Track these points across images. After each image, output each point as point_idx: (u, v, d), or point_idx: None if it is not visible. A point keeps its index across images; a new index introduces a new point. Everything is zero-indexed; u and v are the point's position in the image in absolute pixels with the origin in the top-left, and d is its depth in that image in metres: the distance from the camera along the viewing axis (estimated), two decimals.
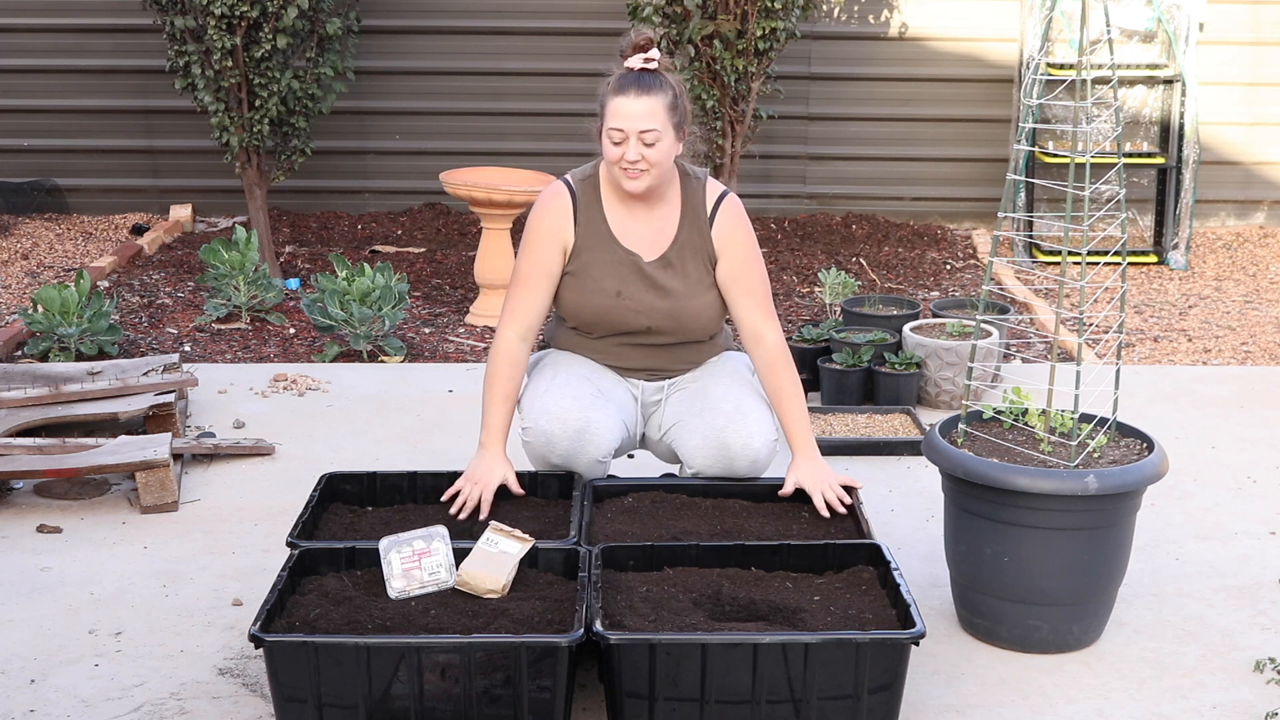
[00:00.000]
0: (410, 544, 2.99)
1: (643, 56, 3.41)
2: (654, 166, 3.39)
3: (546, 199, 3.54)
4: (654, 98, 3.35)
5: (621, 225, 3.51)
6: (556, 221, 3.51)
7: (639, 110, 3.34)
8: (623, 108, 3.35)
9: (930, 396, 5.02)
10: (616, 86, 3.38)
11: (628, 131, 3.34)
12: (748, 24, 6.39)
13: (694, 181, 3.55)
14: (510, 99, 7.86)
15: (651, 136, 3.35)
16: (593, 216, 3.51)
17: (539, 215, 3.53)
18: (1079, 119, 3.25)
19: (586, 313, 3.54)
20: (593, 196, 3.52)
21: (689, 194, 3.53)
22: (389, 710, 2.73)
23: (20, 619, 3.43)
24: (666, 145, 3.38)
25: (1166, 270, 7.28)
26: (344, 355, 5.67)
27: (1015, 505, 3.14)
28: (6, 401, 4.51)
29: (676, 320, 3.52)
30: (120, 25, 7.70)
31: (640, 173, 3.39)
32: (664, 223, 3.52)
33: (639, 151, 3.36)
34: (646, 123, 3.34)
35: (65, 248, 7.38)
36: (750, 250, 3.55)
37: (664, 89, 3.38)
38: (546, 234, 3.50)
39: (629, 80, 3.37)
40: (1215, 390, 5.25)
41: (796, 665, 2.72)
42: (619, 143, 3.37)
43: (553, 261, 3.51)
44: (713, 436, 3.44)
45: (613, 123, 3.36)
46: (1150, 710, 3.05)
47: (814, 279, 6.86)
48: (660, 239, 3.52)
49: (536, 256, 3.51)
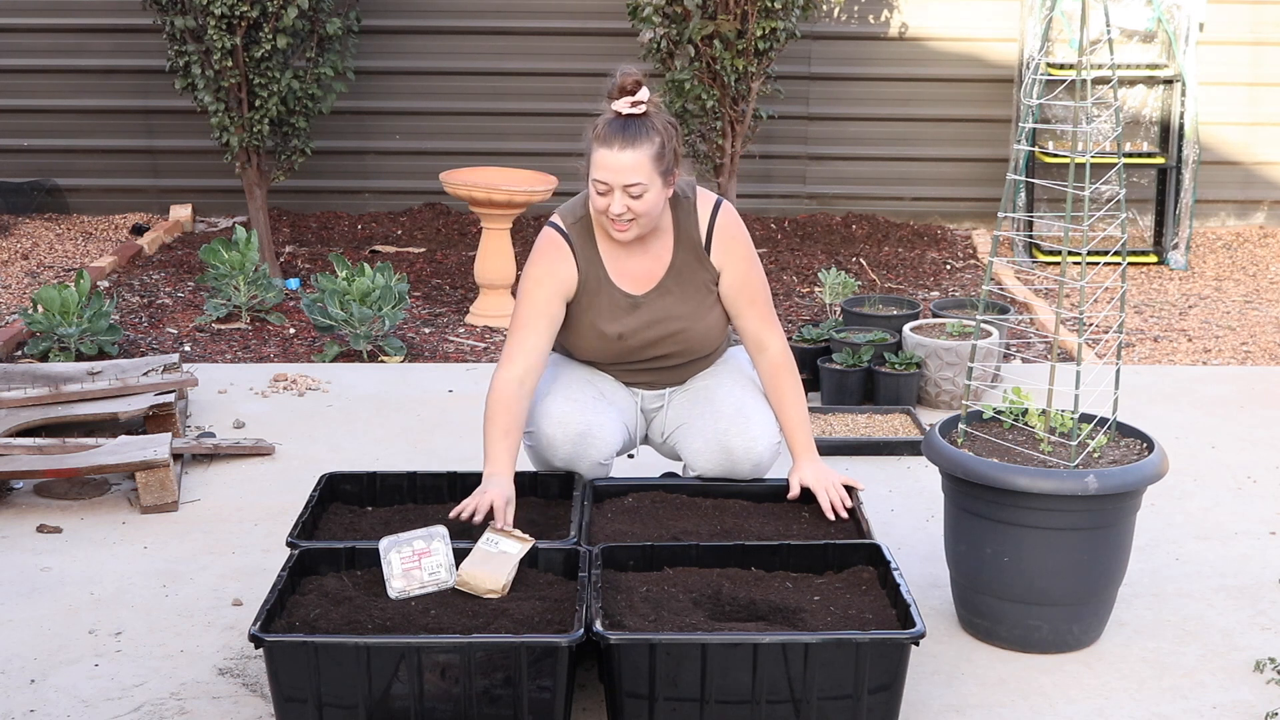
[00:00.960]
0: (410, 544, 2.99)
1: (629, 100, 3.26)
2: (641, 217, 3.29)
3: (546, 249, 3.42)
4: (639, 150, 3.22)
5: (617, 264, 3.44)
6: (560, 271, 3.40)
7: (624, 164, 3.22)
8: (607, 160, 3.23)
9: (930, 396, 5.02)
10: (602, 136, 3.25)
11: (612, 184, 3.25)
12: (748, 24, 6.39)
13: (684, 203, 3.44)
14: (510, 99, 7.86)
15: (637, 190, 3.24)
16: (590, 259, 3.42)
17: (540, 265, 3.41)
18: (1079, 119, 3.25)
19: (591, 355, 3.53)
20: (587, 239, 3.42)
21: (680, 219, 3.44)
22: (389, 710, 2.73)
23: (20, 619, 3.43)
24: (654, 196, 3.27)
25: (1166, 270, 7.28)
26: (344, 355, 5.67)
27: (1015, 505, 3.14)
28: (6, 401, 4.51)
29: (685, 344, 3.50)
30: (120, 25, 7.70)
31: (627, 224, 3.30)
32: (659, 251, 3.45)
33: (624, 204, 3.26)
34: (632, 176, 3.23)
35: (65, 248, 7.38)
36: (749, 262, 3.49)
37: (650, 137, 3.24)
38: (550, 283, 3.39)
39: (614, 130, 3.24)
40: (1215, 390, 5.25)
41: (796, 665, 2.72)
42: (604, 194, 3.28)
43: (554, 307, 3.40)
44: (716, 440, 3.44)
45: (597, 174, 3.26)
46: (1150, 710, 3.05)
47: (814, 279, 6.86)
48: (656, 268, 3.45)
49: (537, 304, 3.39)
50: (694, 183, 3.50)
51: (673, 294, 3.45)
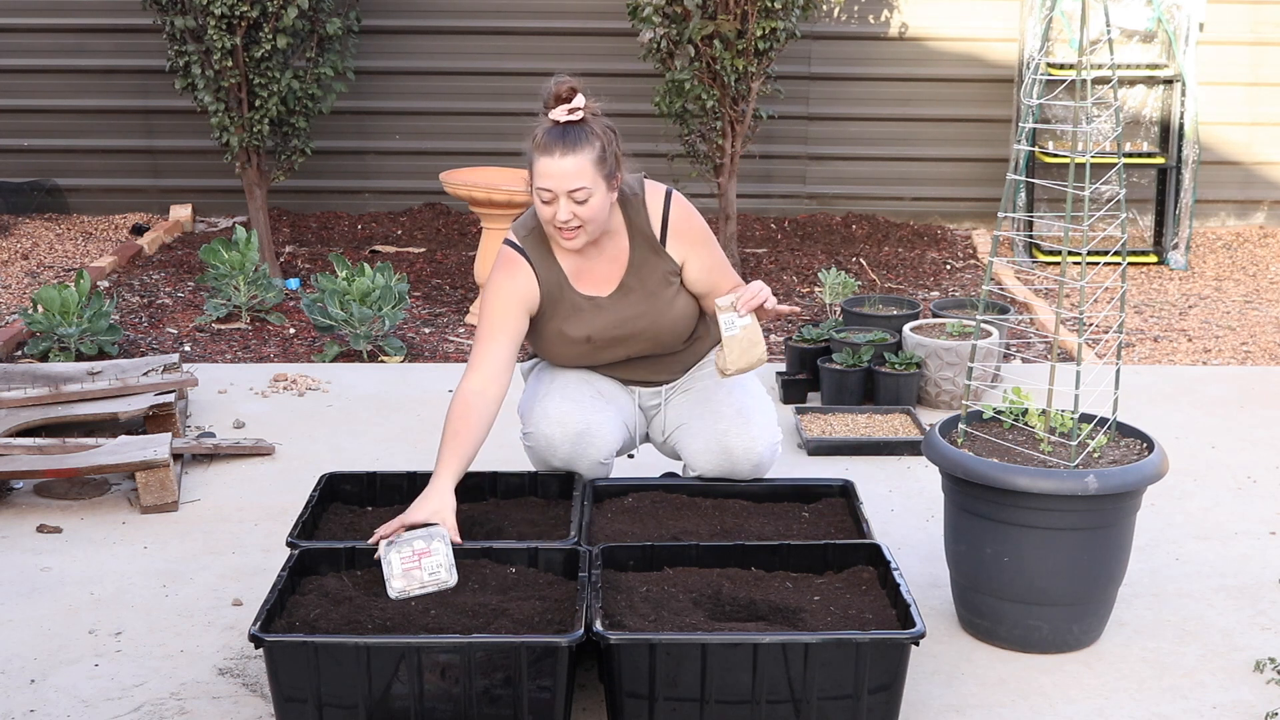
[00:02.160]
0: (410, 544, 2.99)
1: (566, 108, 3.26)
2: (588, 223, 3.28)
3: (502, 265, 3.41)
4: (580, 155, 3.22)
5: (575, 268, 3.43)
6: (519, 284, 3.38)
7: (566, 169, 3.22)
8: (549, 168, 3.23)
9: (930, 396, 5.02)
10: (542, 144, 3.24)
11: (556, 191, 3.24)
12: (748, 24, 6.39)
13: (633, 200, 3.44)
14: (510, 99, 7.85)
15: (582, 194, 3.24)
16: (549, 269, 3.41)
17: (498, 280, 3.39)
18: (1079, 119, 3.25)
19: (563, 359, 3.54)
20: (543, 250, 3.42)
21: (631, 217, 3.44)
22: (389, 710, 2.73)
23: (20, 619, 3.43)
24: (598, 200, 3.27)
25: (1166, 270, 7.28)
26: (344, 355, 5.67)
27: (1015, 505, 3.14)
28: (6, 401, 4.51)
29: (653, 339, 3.50)
30: (120, 25, 7.70)
31: (574, 231, 3.29)
32: (615, 254, 3.44)
33: (570, 210, 3.25)
34: (574, 182, 3.23)
35: (65, 248, 7.38)
36: (708, 247, 3.50)
37: (590, 142, 3.24)
38: (509, 297, 3.37)
39: (554, 137, 3.24)
40: (1215, 390, 5.25)
41: (796, 665, 2.72)
42: (548, 202, 3.27)
43: (514, 320, 3.38)
44: (715, 440, 3.44)
45: (541, 183, 3.26)
46: (1150, 710, 3.05)
47: (814, 279, 6.86)
48: (615, 269, 3.45)
49: (495, 318, 3.36)
50: (642, 177, 3.50)
51: (635, 292, 3.45)
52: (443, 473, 3.19)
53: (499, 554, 3.10)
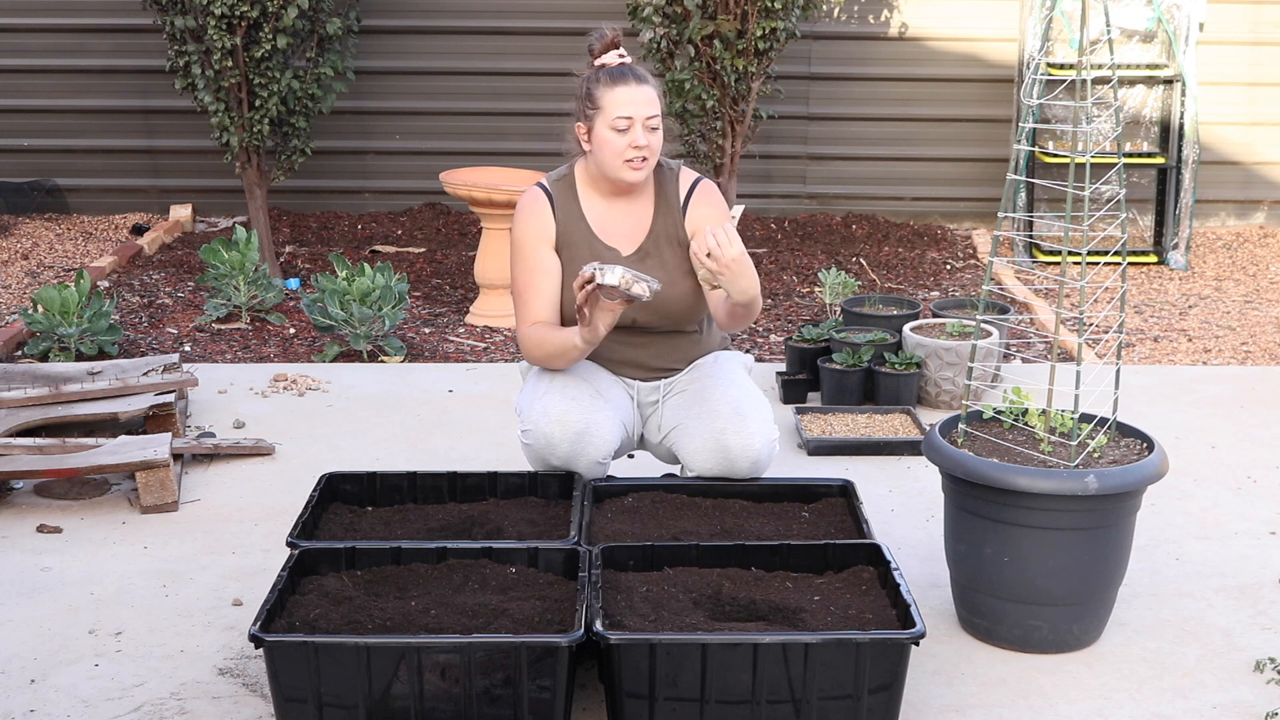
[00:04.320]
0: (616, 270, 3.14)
1: (618, 53, 3.48)
2: (654, 155, 3.45)
3: (524, 204, 3.57)
4: (649, 86, 3.44)
5: (600, 221, 3.54)
6: (539, 221, 3.53)
7: (642, 97, 3.41)
8: (627, 95, 3.40)
9: (930, 396, 5.02)
10: (610, 79, 3.43)
11: (635, 118, 3.39)
12: (748, 24, 6.39)
13: (667, 171, 3.59)
14: (510, 99, 7.86)
15: (655, 121, 3.41)
16: (571, 213, 3.54)
17: (522, 221, 3.55)
18: (1079, 119, 3.25)
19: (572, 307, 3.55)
20: (569, 195, 3.55)
21: (662, 183, 3.58)
22: (389, 710, 2.73)
23: (20, 619, 3.43)
24: (661, 135, 3.45)
25: (1166, 270, 7.28)
26: (344, 355, 5.67)
27: (1015, 505, 3.14)
28: (6, 401, 4.51)
29: (660, 311, 3.52)
30: (120, 25, 7.70)
31: (643, 161, 3.43)
32: (640, 214, 3.56)
33: (646, 138, 3.40)
34: (650, 108, 3.41)
35: (65, 248, 7.38)
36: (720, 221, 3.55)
37: (650, 80, 3.45)
38: (534, 236, 3.52)
39: (624, 71, 3.44)
40: (1215, 390, 5.25)
41: (796, 665, 2.72)
42: (625, 129, 3.40)
43: (547, 259, 3.52)
44: (713, 439, 3.44)
45: (618, 111, 3.39)
46: (1150, 710, 3.05)
47: (814, 279, 6.86)
48: (637, 231, 3.55)
49: (530, 262, 3.51)
50: (681, 163, 3.66)
51: (652, 257, 3.53)
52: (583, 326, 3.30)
53: (499, 554, 3.10)
